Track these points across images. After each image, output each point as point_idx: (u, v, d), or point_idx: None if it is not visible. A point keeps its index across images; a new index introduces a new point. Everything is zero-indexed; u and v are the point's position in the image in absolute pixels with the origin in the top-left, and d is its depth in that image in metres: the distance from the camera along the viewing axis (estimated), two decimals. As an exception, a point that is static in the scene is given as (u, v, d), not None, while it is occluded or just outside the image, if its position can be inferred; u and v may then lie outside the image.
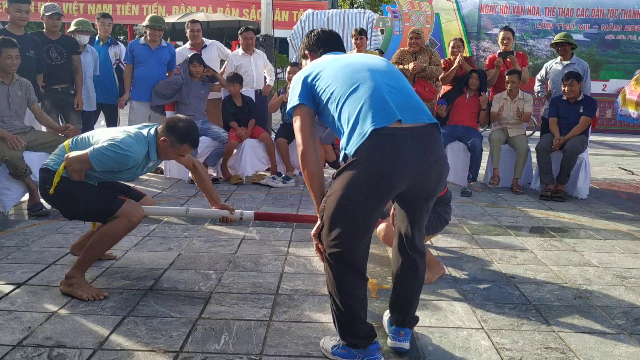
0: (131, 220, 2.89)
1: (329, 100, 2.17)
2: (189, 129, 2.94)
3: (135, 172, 3.02)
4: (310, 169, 2.21)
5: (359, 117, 2.07)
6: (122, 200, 2.90)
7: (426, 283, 3.12)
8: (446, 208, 3.41)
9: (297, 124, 2.23)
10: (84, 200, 2.89)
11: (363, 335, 2.23)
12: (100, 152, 2.81)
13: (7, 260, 3.37)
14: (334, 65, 2.25)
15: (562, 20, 13.05)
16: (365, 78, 2.16)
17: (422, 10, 11.82)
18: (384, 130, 2.03)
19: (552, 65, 6.27)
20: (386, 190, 2.09)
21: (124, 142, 2.84)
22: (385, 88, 2.14)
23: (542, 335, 2.57)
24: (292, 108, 2.26)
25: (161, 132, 2.94)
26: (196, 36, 6.46)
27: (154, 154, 2.97)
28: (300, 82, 2.25)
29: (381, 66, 2.28)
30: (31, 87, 4.71)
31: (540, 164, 5.83)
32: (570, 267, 3.55)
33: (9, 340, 2.36)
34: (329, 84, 2.18)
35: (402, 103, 2.13)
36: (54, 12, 5.32)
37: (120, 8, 14.82)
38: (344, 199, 2.08)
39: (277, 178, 5.94)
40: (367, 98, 2.10)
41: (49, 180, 2.89)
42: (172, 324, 2.57)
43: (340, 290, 2.17)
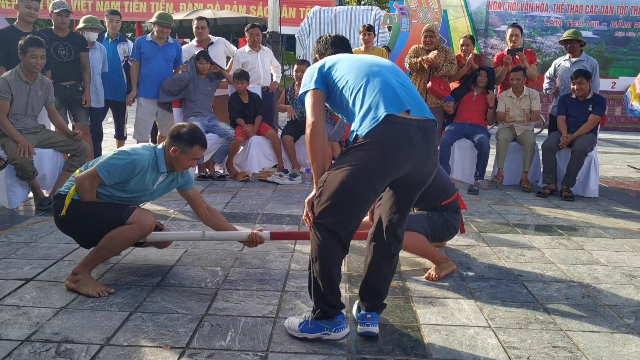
0: (143, 227, 2.91)
1: (344, 87, 2.38)
2: (193, 132, 2.98)
3: (145, 186, 2.99)
4: (317, 142, 2.35)
5: (372, 103, 2.28)
6: (132, 209, 2.93)
7: (434, 279, 3.15)
8: (455, 215, 3.38)
9: (309, 101, 2.41)
10: (95, 217, 2.90)
11: (336, 304, 2.39)
12: (106, 162, 2.87)
13: (16, 255, 3.39)
14: (347, 60, 2.48)
15: (571, 17, 12.97)
16: (376, 72, 2.38)
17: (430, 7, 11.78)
18: (396, 118, 2.24)
19: (561, 63, 6.22)
20: (391, 172, 2.26)
21: (129, 149, 2.93)
22: (395, 82, 2.37)
23: (549, 334, 2.56)
24: (306, 92, 2.43)
25: (168, 145, 2.97)
26: (202, 33, 6.45)
27: (163, 165, 2.99)
28: (316, 70, 2.45)
29: (389, 64, 2.53)
30: (52, 87, 4.72)
31: (544, 162, 5.80)
32: (578, 265, 3.53)
33: (18, 335, 2.38)
34: (343, 74, 2.40)
35: (410, 97, 2.35)
36: (62, 9, 5.33)
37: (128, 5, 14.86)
38: (350, 175, 2.24)
39: (283, 175, 5.94)
40: (380, 88, 2.32)
41: (61, 205, 2.92)
42: (179, 320, 2.57)
43: (322, 259, 2.33)
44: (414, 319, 2.67)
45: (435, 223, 3.32)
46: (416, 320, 2.66)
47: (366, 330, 2.45)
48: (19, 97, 4.43)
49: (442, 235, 3.39)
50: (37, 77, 4.53)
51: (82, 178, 2.88)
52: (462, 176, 6.18)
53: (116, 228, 2.86)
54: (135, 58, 6.02)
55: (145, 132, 6.14)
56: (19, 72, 4.43)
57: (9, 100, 4.35)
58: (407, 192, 2.41)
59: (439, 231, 3.33)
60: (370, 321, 2.46)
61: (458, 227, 3.44)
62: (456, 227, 3.42)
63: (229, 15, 12.74)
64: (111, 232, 2.86)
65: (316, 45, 2.78)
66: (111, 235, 2.86)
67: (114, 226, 2.86)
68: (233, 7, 14.74)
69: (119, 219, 2.87)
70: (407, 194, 2.42)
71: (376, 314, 2.49)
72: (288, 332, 2.46)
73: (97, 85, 5.88)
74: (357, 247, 3.72)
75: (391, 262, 2.50)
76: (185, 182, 3.20)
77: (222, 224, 3.27)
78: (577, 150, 5.53)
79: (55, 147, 4.71)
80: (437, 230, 3.32)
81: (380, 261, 2.49)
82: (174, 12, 13.97)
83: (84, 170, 2.99)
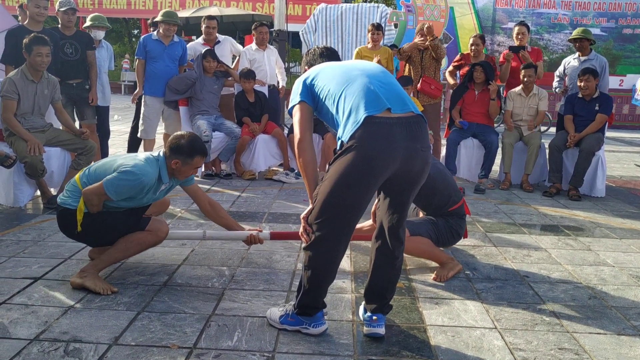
0: (159, 235, 3.00)
1: (326, 97, 2.40)
2: (192, 143, 2.95)
3: (149, 196, 3.03)
4: (305, 157, 2.41)
5: (352, 107, 2.29)
6: (147, 219, 2.98)
7: (441, 281, 3.16)
8: (460, 222, 3.38)
9: (296, 117, 2.46)
10: (111, 229, 2.94)
11: (319, 305, 2.47)
12: (114, 182, 2.85)
13: (24, 254, 3.41)
14: (329, 68, 2.50)
15: (579, 14, 12.89)
16: (356, 76, 2.39)
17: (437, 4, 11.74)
18: (376, 119, 2.24)
19: (570, 61, 6.17)
20: (378, 173, 2.26)
21: (136, 167, 2.88)
22: (375, 83, 2.36)
23: (556, 336, 2.55)
24: (293, 105, 2.49)
25: (169, 157, 2.96)
26: (212, 32, 6.45)
27: (166, 176, 2.99)
28: (301, 83, 2.50)
29: (371, 67, 2.52)
30: (58, 85, 4.72)
31: (550, 161, 5.78)
32: (585, 266, 3.52)
33: (26, 335, 2.40)
34: (325, 83, 2.42)
35: (391, 95, 2.34)
36: (68, 8, 5.35)
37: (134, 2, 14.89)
38: (338, 182, 2.26)
39: (289, 174, 5.95)
40: (359, 92, 2.32)
41: (71, 219, 2.93)
42: (186, 319, 2.59)
43: (315, 269, 2.39)
44: (420, 320, 2.67)
45: (440, 229, 3.32)
46: (422, 321, 2.67)
47: (372, 331, 2.46)
48: (25, 97, 4.45)
49: (446, 240, 3.38)
50: (43, 75, 4.54)
51: (90, 194, 2.88)
52: (468, 175, 6.17)
53: (134, 233, 2.94)
54: (141, 56, 6.00)
55: (151, 131, 6.12)
56: (25, 71, 4.44)
57: (15, 100, 4.37)
58: (399, 191, 2.41)
59: (443, 237, 3.33)
60: (377, 323, 2.47)
61: (462, 233, 3.44)
62: (460, 233, 3.42)
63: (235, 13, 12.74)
64: (128, 236, 2.93)
65: (305, 57, 2.78)
66: (128, 239, 2.93)
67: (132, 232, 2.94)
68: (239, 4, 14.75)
69: (139, 228, 2.95)
70: (401, 194, 2.42)
71: (382, 315, 2.50)
72: (268, 322, 2.56)
73: (104, 83, 5.90)
74: (362, 246, 3.73)
75: (394, 265, 2.51)
76: (185, 180, 3.20)
77: (224, 220, 3.30)
78: (584, 150, 5.50)
79: (62, 146, 4.73)
80: (441, 236, 3.32)
81: (384, 264, 2.50)
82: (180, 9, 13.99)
83: (86, 178, 2.97)
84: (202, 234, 3.32)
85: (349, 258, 3.51)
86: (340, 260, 2.44)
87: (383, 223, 2.48)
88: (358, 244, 3.77)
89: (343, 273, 3.25)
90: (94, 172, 2.99)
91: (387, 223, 2.46)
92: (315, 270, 2.39)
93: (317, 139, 6.13)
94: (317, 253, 2.37)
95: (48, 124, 4.74)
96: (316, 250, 2.37)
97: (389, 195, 2.45)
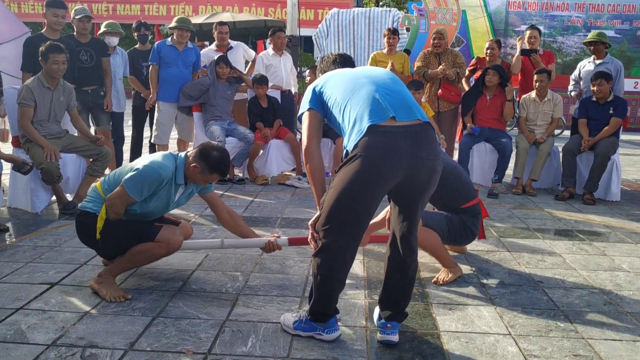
0: (170, 247, 2.97)
1: (333, 105, 2.43)
2: (221, 160, 2.95)
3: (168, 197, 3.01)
4: (312, 164, 2.45)
5: (357, 116, 2.30)
6: (158, 227, 2.95)
7: (441, 283, 3.16)
8: (474, 221, 3.36)
9: (304, 124, 2.49)
10: (124, 236, 2.94)
11: (331, 312, 2.48)
12: (133, 179, 2.86)
13: (41, 260, 3.46)
14: (338, 75, 2.52)
15: (592, 16, 12.79)
16: (363, 84, 2.40)
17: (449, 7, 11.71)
18: (380, 128, 2.25)
19: (585, 65, 6.13)
20: (381, 182, 2.26)
21: (152, 162, 2.92)
22: (381, 91, 2.36)
23: (570, 342, 2.54)
24: (302, 112, 2.52)
25: (192, 158, 2.95)
26: (224, 38, 6.50)
27: (181, 177, 2.99)
28: (311, 91, 2.53)
29: (380, 74, 2.52)
30: (73, 92, 4.78)
31: (564, 165, 5.73)
32: (600, 271, 3.50)
33: (44, 340, 2.43)
34: (333, 91, 2.44)
35: (396, 103, 2.34)
36: (84, 15, 5.42)
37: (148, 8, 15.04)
38: (343, 191, 2.28)
39: (302, 179, 5.96)
40: (363, 100, 2.33)
41: (90, 224, 2.94)
42: (201, 325, 2.61)
43: (324, 275, 2.40)
44: (434, 326, 2.67)
45: (454, 224, 3.30)
46: (436, 327, 2.66)
47: (386, 339, 2.47)
48: (42, 104, 4.51)
49: (459, 237, 3.37)
50: (59, 82, 4.60)
51: (114, 198, 2.90)
52: (481, 179, 6.15)
53: (143, 244, 2.92)
54: (155, 62, 6.01)
55: (165, 137, 6.16)
56: (41, 78, 4.51)
57: (32, 107, 4.44)
58: (407, 201, 2.41)
59: (456, 233, 3.32)
60: (390, 330, 2.47)
61: (476, 232, 3.42)
62: (474, 232, 3.40)
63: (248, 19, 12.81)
64: (138, 247, 2.93)
65: (320, 64, 2.80)
66: (137, 251, 2.93)
67: (143, 242, 2.93)
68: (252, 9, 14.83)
69: (149, 236, 2.93)
70: (409, 203, 2.41)
71: (396, 323, 2.50)
72: (282, 327, 2.57)
73: (119, 89, 5.96)
74: (375, 251, 3.73)
75: (407, 273, 2.49)
76: (204, 187, 3.22)
77: (242, 229, 3.31)
78: (600, 154, 5.46)
79: (78, 152, 4.79)
80: (454, 232, 3.31)
81: (397, 272, 2.50)
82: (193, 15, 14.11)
83: (107, 185, 3.00)
84: (220, 243, 3.31)
85: (362, 264, 3.51)
86: (349, 267, 2.44)
87: (395, 232, 2.48)
88: (371, 249, 3.78)
89: (356, 279, 3.25)
90: (114, 177, 3.02)
91: (399, 232, 2.46)
92: (323, 277, 2.40)
93: (329, 143, 6.15)
94: (325, 260, 2.38)
95: (64, 131, 4.80)
96: (323, 258, 2.38)
97: (397, 204, 2.46)
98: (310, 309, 2.48)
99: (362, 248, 3.75)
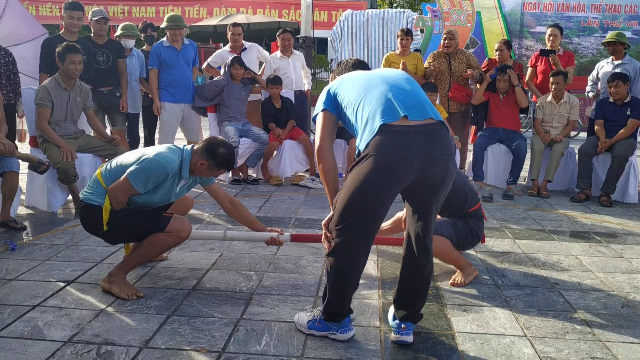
0: (180, 236, 2.97)
1: (347, 106, 2.44)
2: (228, 156, 2.95)
3: (170, 189, 3.00)
4: (325, 164, 2.47)
5: (369, 116, 2.31)
6: (168, 218, 2.95)
7: (459, 285, 3.15)
8: (479, 223, 3.35)
9: (318, 124, 2.51)
10: (133, 227, 2.95)
11: (345, 311, 2.47)
12: (138, 172, 2.85)
13: (57, 258, 3.49)
14: (352, 77, 2.54)
15: (609, 17, 12.65)
16: (376, 84, 2.41)
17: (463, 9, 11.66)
18: (392, 127, 2.25)
19: (603, 65, 6.06)
20: (393, 181, 2.26)
21: (158, 155, 2.89)
22: (394, 90, 2.37)
23: (587, 345, 2.51)
24: (317, 113, 2.54)
25: (199, 154, 2.93)
26: (238, 39, 6.51)
27: (187, 170, 2.97)
28: (325, 92, 2.55)
29: (393, 74, 2.52)
30: (90, 93, 4.83)
31: (580, 167, 5.67)
32: (617, 274, 3.45)
33: (60, 337, 2.45)
34: (347, 92, 2.46)
35: (409, 102, 2.33)
36: (101, 17, 5.47)
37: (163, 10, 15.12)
38: (355, 191, 2.28)
39: (316, 179, 5.97)
40: (376, 100, 2.34)
41: (97, 217, 2.91)
42: (215, 324, 2.62)
43: (337, 275, 2.40)
44: (448, 327, 2.65)
45: (460, 230, 3.29)
46: (450, 328, 2.65)
47: (400, 339, 2.46)
48: (59, 104, 4.56)
49: (466, 242, 3.36)
50: (75, 83, 4.65)
51: (117, 190, 2.88)
52: (495, 181, 6.11)
53: (154, 235, 2.92)
54: (155, 66, 5.86)
55: (170, 137, 6.08)
56: (58, 79, 4.56)
57: (49, 107, 4.49)
58: (421, 201, 2.40)
59: (463, 238, 3.31)
60: (405, 331, 2.46)
61: (481, 235, 3.41)
62: (479, 235, 3.39)
63: (262, 20, 12.85)
64: (149, 238, 2.93)
65: (336, 68, 2.81)
66: (149, 241, 2.93)
67: (153, 232, 2.93)
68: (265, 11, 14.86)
69: (159, 227, 2.93)
70: (423, 203, 2.40)
71: (411, 323, 2.49)
72: (296, 327, 2.58)
73: (135, 91, 5.98)
74: (389, 252, 3.72)
75: (422, 274, 2.48)
76: (206, 180, 3.21)
77: (245, 218, 3.30)
78: (617, 156, 5.39)
79: (94, 152, 4.83)
80: (461, 238, 3.30)
81: (412, 272, 2.49)
82: (207, 16, 14.17)
83: (108, 174, 2.96)
84: (223, 234, 3.33)
85: (376, 264, 3.50)
86: (362, 267, 2.44)
87: (410, 232, 2.47)
88: (385, 249, 3.77)
89: (370, 279, 3.25)
90: (116, 167, 2.96)
91: (414, 232, 2.45)
92: (337, 277, 2.41)
93: (342, 144, 6.14)
94: (338, 260, 2.38)
95: (80, 131, 4.85)
96: (336, 257, 2.39)
97: (412, 204, 2.45)
98: (324, 309, 2.48)
99: (376, 248, 3.74)
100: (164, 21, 5.94)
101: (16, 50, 5.52)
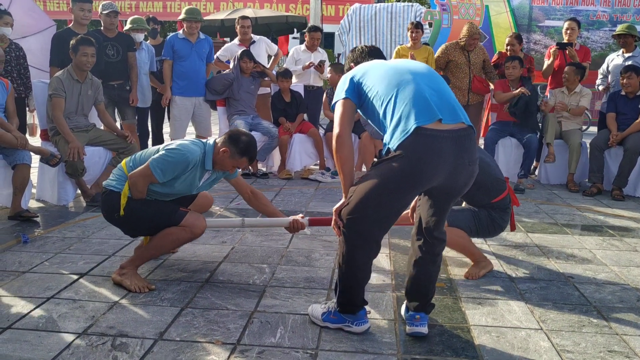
0: (194, 232, 2.96)
1: (374, 97, 2.36)
2: (250, 145, 2.98)
3: (192, 181, 3.00)
4: (343, 153, 2.38)
5: (402, 115, 2.24)
6: (184, 213, 2.95)
7: (472, 278, 3.12)
8: (503, 215, 3.29)
9: (338, 112, 2.42)
10: (148, 217, 2.94)
11: (359, 302, 2.45)
12: (159, 160, 2.87)
13: (70, 251, 3.49)
14: (379, 67, 2.45)
15: (619, 10, 12.53)
16: (408, 80, 2.33)
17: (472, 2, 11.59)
18: (426, 130, 2.20)
19: (614, 58, 6.02)
20: (421, 185, 2.26)
21: (181, 145, 2.93)
22: (426, 90, 2.30)
23: (604, 338, 2.49)
24: (337, 100, 2.45)
25: (222, 144, 2.96)
26: (246, 32, 6.49)
27: (210, 162, 2.98)
28: (348, 80, 2.45)
29: (422, 70, 2.45)
30: (101, 86, 4.83)
31: (591, 161, 5.64)
32: (632, 267, 3.42)
33: (75, 329, 2.45)
34: (375, 83, 2.37)
35: (442, 104, 2.29)
36: (111, 10, 5.46)
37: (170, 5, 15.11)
38: (378, 186, 2.25)
39: (325, 173, 5.96)
40: (410, 98, 2.27)
41: (115, 203, 2.93)
42: (229, 316, 2.61)
43: (348, 264, 2.38)
44: (464, 320, 2.64)
45: (482, 220, 3.26)
46: (466, 321, 2.63)
47: (415, 330, 2.44)
48: (70, 96, 4.56)
49: (486, 232, 3.32)
50: (87, 76, 4.65)
51: (137, 176, 2.89)
52: (506, 174, 6.03)
53: (168, 229, 2.92)
54: (169, 57, 5.90)
55: (181, 132, 6.09)
56: (71, 71, 4.56)
57: (63, 97, 4.48)
58: (440, 201, 2.40)
59: (483, 229, 3.27)
60: (419, 322, 2.45)
61: (504, 226, 3.36)
62: (502, 226, 3.34)
63: (269, 14, 12.81)
64: (163, 232, 2.92)
65: (351, 54, 2.74)
66: (163, 235, 2.92)
67: (167, 226, 2.92)
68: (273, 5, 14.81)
69: (173, 221, 2.92)
70: (441, 203, 2.41)
71: (425, 314, 2.48)
72: (310, 319, 2.56)
73: (144, 85, 5.97)
74: (402, 245, 3.71)
75: (435, 261, 2.49)
76: (229, 174, 3.21)
77: (266, 207, 3.30)
78: (629, 150, 5.35)
79: (105, 145, 4.83)
80: (481, 228, 3.26)
81: (424, 260, 2.48)
82: (214, 11, 14.13)
83: (132, 163, 3.00)
84: (241, 222, 3.32)
85: (388, 257, 3.49)
86: (373, 257, 2.41)
87: (422, 220, 2.46)
88: (397, 243, 3.75)
89: (383, 272, 3.23)
90: (140, 157, 3.01)
91: (425, 223, 2.45)
92: (348, 268, 2.40)
93: (353, 138, 6.11)
94: (349, 251, 2.37)
95: (91, 124, 4.85)
96: (348, 249, 2.37)
97: (430, 199, 2.43)
98: (338, 300, 2.47)
99: (389, 242, 3.73)
100: (182, 13, 5.95)
101: (24, 42, 5.54)
